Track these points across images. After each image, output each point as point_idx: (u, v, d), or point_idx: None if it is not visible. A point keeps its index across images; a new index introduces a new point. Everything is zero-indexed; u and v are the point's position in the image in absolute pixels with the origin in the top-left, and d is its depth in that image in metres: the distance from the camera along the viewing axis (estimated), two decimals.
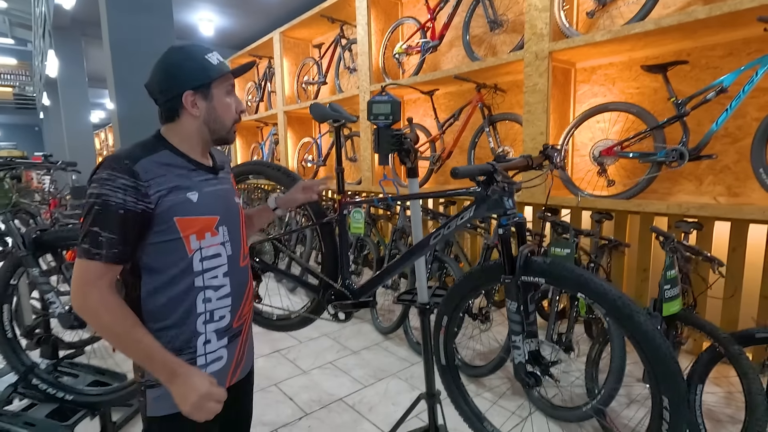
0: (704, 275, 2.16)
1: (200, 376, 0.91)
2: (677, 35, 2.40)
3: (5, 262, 1.70)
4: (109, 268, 0.87)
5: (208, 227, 0.97)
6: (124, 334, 0.87)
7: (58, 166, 1.88)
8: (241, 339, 1.08)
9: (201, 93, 0.96)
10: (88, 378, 1.86)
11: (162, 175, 0.91)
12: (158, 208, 0.89)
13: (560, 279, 1.07)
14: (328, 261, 1.56)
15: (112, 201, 0.85)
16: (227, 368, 1.04)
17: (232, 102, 1.02)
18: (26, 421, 1.53)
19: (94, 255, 0.86)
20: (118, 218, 0.85)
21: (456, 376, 1.47)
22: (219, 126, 1.00)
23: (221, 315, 1.00)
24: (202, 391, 0.88)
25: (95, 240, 0.85)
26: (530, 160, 1.20)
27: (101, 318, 0.87)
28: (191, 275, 0.95)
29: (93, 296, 0.86)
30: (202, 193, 0.97)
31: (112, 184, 0.85)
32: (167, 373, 0.88)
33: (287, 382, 2.46)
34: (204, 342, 0.98)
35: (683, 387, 0.99)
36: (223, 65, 0.99)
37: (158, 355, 0.88)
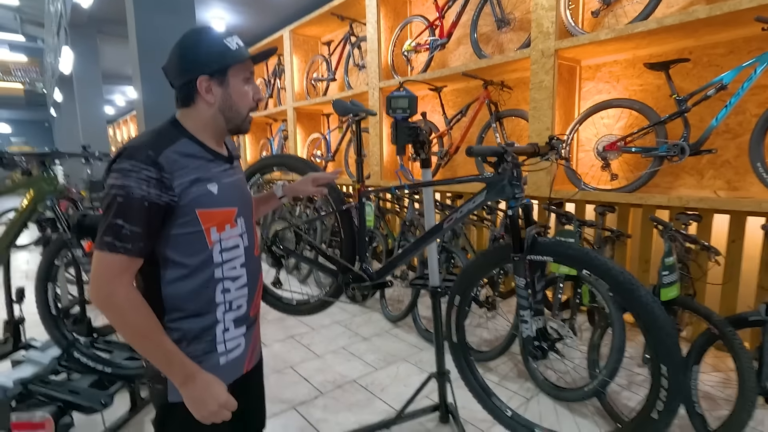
0: (703, 264, 2.25)
1: (219, 384, 0.92)
2: (680, 34, 2.48)
3: (51, 244, 1.83)
4: (133, 261, 0.86)
5: (228, 219, 0.96)
6: (146, 334, 0.86)
7: (96, 157, 2.00)
8: (255, 327, 1.10)
9: (217, 79, 0.93)
10: (123, 353, 2.00)
11: (185, 166, 0.89)
12: (181, 200, 0.88)
13: (566, 257, 1.17)
14: (346, 246, 1.67)
15: (136, 193, 0.82)
16: (245, 355, 1.05)
17: (250, 90, 0.98)
18: (71, 390, 1.67)
19: (119, 248, 0.83)
20: (142, 211, 0.83)
21: (466, 352, 1.58)
22: (234, 114, 0.97)
23: (239, 304, 1.01)
24: (222, 401, 0.90)
25: (118, 233, 0.83)
26: (537, 147, 1.30)
27: (126, 316, 0.85)
28: (211, 267, 0.94)
29: (119, 293, 0.84)
30: (222, 184, 0.95)
31: (136, 176, 0.83)
32: (184, 376, 0.88)
33: (302, 365, 2.58)
34: (223, 330, 0.98)
35: (680, 355, 1.09)
36: (243, 50, 0.95)
37: (177, 359, 0.88)
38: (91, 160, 1.99)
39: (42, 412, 1.53)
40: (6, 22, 17.71)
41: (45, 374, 1.72)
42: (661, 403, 1.09)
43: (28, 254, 5.70)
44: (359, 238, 1.66)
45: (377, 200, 3.71)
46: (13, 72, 17.97)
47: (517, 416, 1.46)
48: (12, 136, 20.54)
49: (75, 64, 7.11)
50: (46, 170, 1.84)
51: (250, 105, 1.00)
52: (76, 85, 7.33)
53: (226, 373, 0.99)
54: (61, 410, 1.57)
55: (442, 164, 3.95)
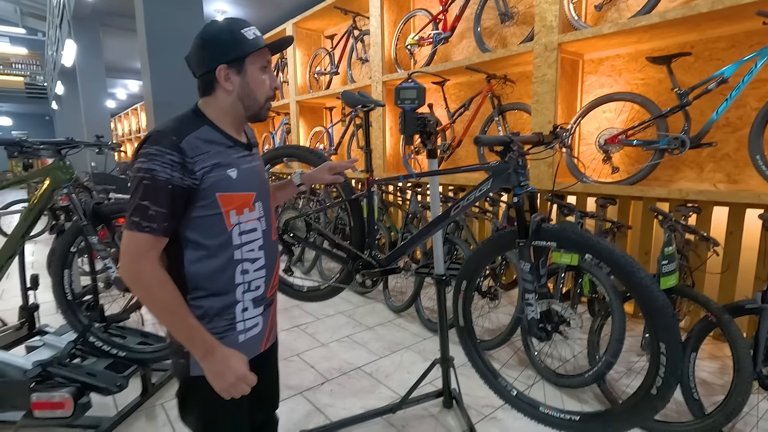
0: (702, 255, 2.30)
1: (238, 358, 0.96)
2: (682, 28, 2.51)
3: (67, 231, 1.88)
4: (159, 240, 0.91)
5: (247, 203, 1.01)
6: (173, 310, 0.91)
7: (109, 146, 2.05)
8: (273, 307, 1.15)
9: (235, 67, 0.97)
10: (136, 339, 2.06)
11: (206, 152, 0.94)
12: (203, 183, 0.92)
13: (569, 241, 1.21)
14: (356, 234, 1.71)
15: (161, 176, 0.87)
16: (262, 334, 1.10)
17: (267, 78, 1.01)
18: (88, 372, 1.72)
19: (145, 228, 0.88)
20: (166, 193, 0.88)
21: (473, 336, 1.63)
22: (252, 102, 1.01)
23: (257, 285, 1.05)
24: (239, 373, 0.94)
25: (145, 213, 0.88)
26: (541, 136, 1.35)
27: (153, 291, 0.90)
28: (231, 248, 0.99)
29: (146, 269, 0.89)
30: (241, 169, 1.00)
31: (160, 160, 0.88)
32: (205, 350, 0.93)
33: (308, 353, 2.63)
34: (242, 310, 1.03)
35: (677, 334, 1.13)
36: (259, 40, 0.98)
37: (199, 333, 0.92)
38: (105, 150, 2.03)
39: (61, 392, 1.59)
40: (6, 14, 17.67)
41: (62, 357, 1.77)
42: (660, 379, 1.14)
43: (33, 245, 5.75)
44: (368, 226, 1.71)
45: (380, 192, 3.75)
46: (13, 65, 17.94)
47: (522, 395, 1.51)
48: (13, 130, 20.54)
49: (78, 56, 7.12)
50: (63, 159, 1.89)
51: (267, 93, 1.03)
52: (79, 78, 7.35)
53: (245, 350, 1.03)
54: (79, 391, 1.63)
55: (444, 157, 3.98)
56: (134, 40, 2.39)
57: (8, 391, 1.67)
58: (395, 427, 1.91)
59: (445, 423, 1.93)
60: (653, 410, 1.18)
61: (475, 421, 1.93)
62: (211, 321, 0.99)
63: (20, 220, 1.95)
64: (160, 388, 2.19)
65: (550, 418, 1.41)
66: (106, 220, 1.85)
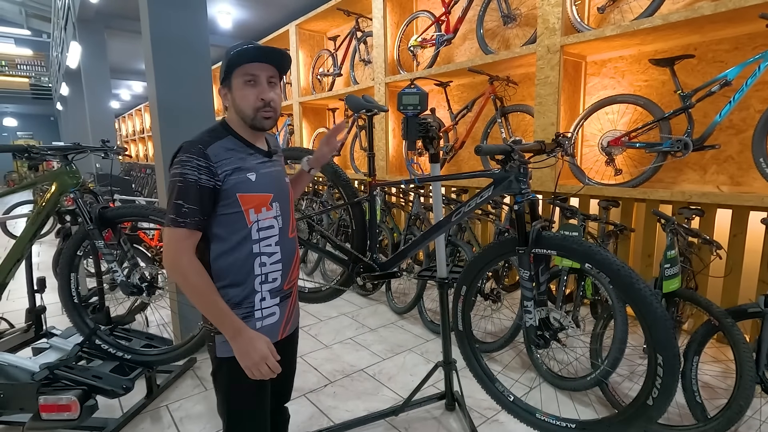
0: (705, 258, 2.30)
1: (262, 340, 1.07)
2: (685, 30, 2.51)
3: (74, 235, 1.91)
4: (192, 234, 1.04)
5: (264, 203, 1.12)
6: (206, 294, 1.03)
7: (114, 151, 2.07)
8: (290, 300, 1.24)
9: (225, 85, 1.11)
10: (141, 341, 2.08)
11: (227, 158, 1.06)
12: (225, 185, 1.05)
13: (569, 250, 1.22)
14: (357, 237, 1.72)
15: (190, 178, 1.01)
16: (279, 323, 1.20)
17: (251, 91, 1.07)
18: (94, 374, 1.74)
19: (180, 223, 1.02)
20: (196, 192, 1.02)
21: (471, 340, 1.64)
22: (243, 114, 1.09)
23: (274, 277, 1.16)
24: (263, 353, 1.05)
25: (179, 211, 1.02)
26: (543, 144, 1.35)
27: (189, 278, 1.03)
28: (250, 242, 1.10)
29: (184, 259, 1.02)
30: (259, 173, 1.11)
31: (190, 165, 1.02)
32: (233, 330, 1.04)
33: (311, 354, 2.65)
34: (260, 299, 1.14)
35: (676, 345, 1.14)
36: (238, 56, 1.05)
37: (229, 316, 1.04)
38: (111, 154, 2.05)
39: (68, 395, 1.61)
40: (12, 16, 17.77)
41: (69, 360, 1.80)
42: (656, 390, 1.15)
43: (39, 246, 5.80)
44: (370, 229, 1.72)
45: (383, 194, 3.76)
46: (18, 66, 18.04)
47: (518, 401, 1.52)
48: (18, 131, 20.66)
49: (83, 58, 7.16)
50: (69, 164, 1.91)
51: (253, 104, 1.09)
52: (84, 79, 7.38)
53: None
54: (86, 393, 1.65)
55: (447, 159, 3.99)
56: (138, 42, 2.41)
57: (16, 394, 1.70)
58: (398, 429, 1.92)
59: (447, 426, 1.94)
60: (649, 421, 1.18)
61: (478, 423, 1.94)
62: (233, 309, 1.08)
63: (27, 224, 1.97)
64: (166, 389, 2.21)
65: (546, 425, 1.41)
66: (112, 224, 1.87)
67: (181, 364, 2.34)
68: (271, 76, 1.11)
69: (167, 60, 2.41)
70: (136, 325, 2.78)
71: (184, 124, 2.45)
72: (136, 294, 1.86)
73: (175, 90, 2.44)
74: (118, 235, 1.87)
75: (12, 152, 1.83)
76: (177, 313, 2.54)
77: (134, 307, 2.11)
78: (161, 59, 2.39)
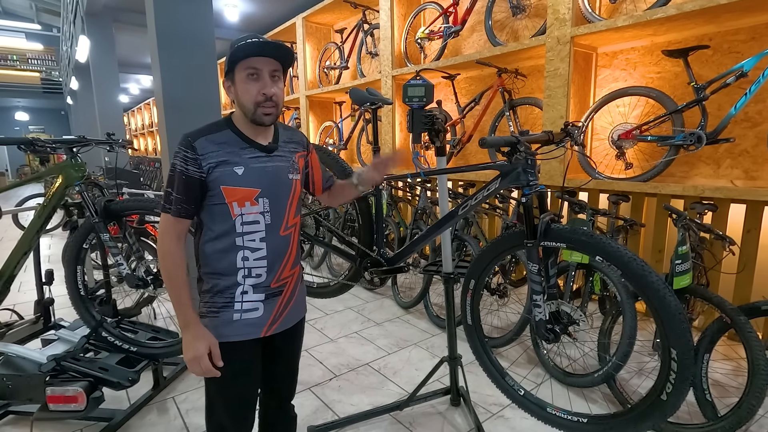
0: (717, 254, 2.25)
1: (204, 340, 1.08)
2: (700, 20, 2.44)
3: (80, 228, 1.92)
4: (177, 221, 1.09)
5: (248, 197, 1.11)
6: (173, 280, 1.09)
7: (120, 144, 2.07)
8: (280, 299, 1.19)
9: (230, 79, 1.11)
10: (147, 334, 2.09)
11: (214, 151, 1.08)
12: (209, 176, 1.08)
13: (579, 243, 1.19)
14: (364, 232, 1.71)
15: (179, 168, 1.07)
16: (264, 320, 1.17)
17: (253, 85, 1.07)
18: (101, 366, 1.76)
19: (167, 209, 1.08)
20: (182, 182, 1.07)
21: (481, 334, 1.62)
22: (244, 108, 1.10)
23: (258, 273, 1.14)
24: (197, 353, 1.07)
25: (168, 198, 1.08)
26: (551, 135, 1.32)
27: (165, 261, 1.10)
28: (233, 235, 1.12)
29: (164, 242, 1.09)
30: (249, 168, 1.11)
31: (180, 156, 1.07)
32: (184, 322, 1.09)
33: (316, 348, 2.65)
34: (242, 292, 1.14)
35: (690, 340, 1.11)
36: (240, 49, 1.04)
37: (184, 307, 1.09)
38: (116, 147, 2.06)
39: (75, 386, 1.62)
40: (23, 11, 17.92)
41: (76, 352, 1.81)
42: (670, 385, 1.12)
43: (50, 239, 5.88)
44: (376, 224, 1.70)
45: (389, 188, 3.74)
46: (29, 60, 18.21)
47: (529, 395, 1.50)
48: (30, 124, 20.91)
49: (91, 52, 7.20)
50: (74, 157, 1.92)
51: (253, 99, 1.08)
52: (93, 73, 7.43)
53: (240, 330, 1.15)
54: (92, 385, 1.67)
55: (454, 152, 3.95)
56: (146, 36, 2.40)
57: (24, 385, 1.72)
58: (403, 424, 1.91)
59: (452, 421, 1.93)
60: (663, 416, 1.16)
61: (483, 419, 1.93)
62: (214, 296, 1.14)
63: (35, 216, 1.98)
64: (172, 381, 2.22)
65: (557, 419, 1.40)
66: (117, 217, 1.87)
67: None
68: (275, 70, 1.09)
69: (173, 54, 2.40)
70: (145, 318, 2.81)
71: (189, 118, 2.45)
72: (142, 287, 1.87)
73: (181, 84, 2.44)
74: (123, 228, 1.87)
75: (17, 145, 1.83)
76: None
77: (141, 300, 2.12)
78: (167, 53, 2.38)
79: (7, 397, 1.77)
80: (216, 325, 1.13)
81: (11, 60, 17.80)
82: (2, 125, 18.85)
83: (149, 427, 1.89)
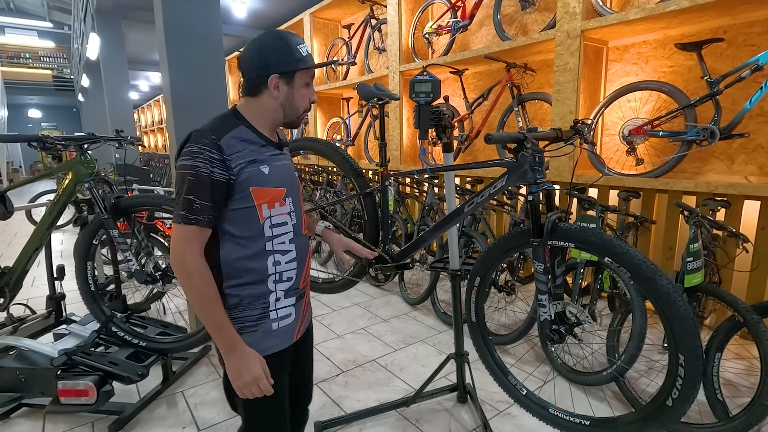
0: (730, 251, 2.21)
1: (257, 360, 1.01)
2: (714, 12, 2.39)
3: (89, 224, 1.94)
4: (203, 231, 0.98)
5: (278, 198, 1.06)
6: (207, 300, 0.97)
7: (128, 141, 2.09)
8: (305, 299, 1.20)
9: (285, 78, 1.04)
10: (156, 329, 2.12)
11: (241, 149, 1.00)
12: (238, 178, 0.99)
13: (587, 243, 1.17)
14: (370, 228, 1.71)
15: (203, 172, 0.95)
16: (295, 324, 1.14)
17: (308, 93, 1.09)
18: (111, 361, 1.79)
19: (191, 220, 0.95)
20: (209, 187, 0.95)
21: (485, 332, 1.61)
22: (292, 111, 1.08)
23: (289, 276, 1.10)
24: (255, 374, 0.99)
25: (190, 207, 0.95)
26: (560, 132, 1.30)
27: (193, 280, 0.96)
28: (263, 240, 1.05)
29: (189, 259, 0.96)
30: (272, 166, 1.06)
31: (202, 157, 0.95)
32: (228, 345, 0.99)
33: (323, 344, 2.66)
34: (275, 299, 1.08)
35: (698, 345, 1.08)
36: (310, 58, 1.06)
37: (226, 328, 0.98)
38: (124, 144, 2.07)
39: (85, 380, 1.65)
40: (34, 8, 18.13)
41: (86, 346, 1.84)
42: (676, 391, 1.10)
43: (62, 234, 5.97)
44: (382, 220, 1.70)
45: (396, 184, 3.73)
46: (41, 58, 18.44)
47: (531, 395, 1.49)
48: (42, 122, 21.21)
49: (102, 50, 7.27)
50: (84, 154, 1.94)
51: (306, 106, 1.11)
52: (103, 70, 7.51)
53: (279, 339, 1.09)
54: (102, 379, 1.69)
55: (462, 148, 3.93)
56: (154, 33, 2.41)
57: (37, 378, 1.75)
58: (409, 420, 1.92)
59: (459, 418, 1.93)
60: (668, 421, 1.14)
61: (490, 416, 1.92)
62: (246, 309, 1.05)
63: (46, 212, 2.01)
64: (181, 376, 2.25)
65: (559, 420, 1.38)
66: (126, 214, 1.89)
67: (196, 352, 2.38)
68: None
69: (181, 50, 2.41)
70: (154, 314, 2.84)
71: (198, 115, 2.46)
72: (151, 283, 1.89)
73: (189, 80, 2.45)
74: (132, 225, 1.89)
75: (28, 142, 1.86)
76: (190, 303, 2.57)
77: (150, 296, 2.14)
78: (175, 50, 2.39)
79: (20, 390, 1.81)
80: (257, 339, 1.05)
81: (24, 58, 18.05)
82: (16, 122, 19.14)
83: (159, 421, 1.92)
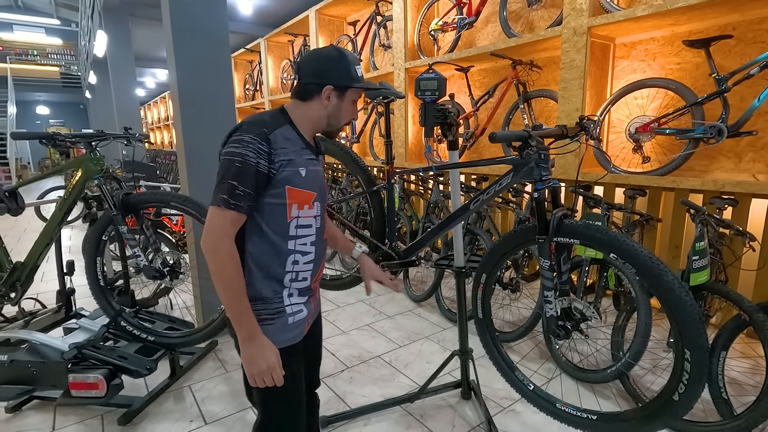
0: (737, 250, 2.20)
1: (272, 349, 1.04)
2: (723, 9, 2.36)
3: (99, 220, 1.97)
4: (240, 218, 1.00)
5: (308, 200, 1.10)
6: (235, 288, 0.99)
7: (136, 138, 2.11)
8: (315, 296, 1.25)
9: (338, 92, 1.10)
10: (164, 324, 2.15)
11: (285, 147, 1.04)
12: (278, 174, 1.02)
13: (592, 239, 1.17)
14: (376, 225, 1.72)
15: (251, 161, 0.98)
16: (305, 319, 1.17)
17: (352, 110, 1.17)
18: (120, 355, 1.82)
19: (232, 205, 0.97)
20: (253, 176, 0.98)
21: (491, 328, 1.62)
22: (335, 123, 1.14)
23: (304, 277, 1.14)
24: (270, 363, 1.02)
25: (233, 192, 0.97)
26: (565, 129, 1.30)
27: (226, 267, 0.98)
28: (286, 238, 1.08)
29: (225, 244, 0.98)
30: (308, 170, 1.09)
31: (252, 147, 0.98)
32: (247, 333, 1.01)
33: (329, 340, 2.68)
34: (288, 295, 1.12)
35: (705, 341, 1.08)
36: (362, 79, 1.14)
37: (248, 317, 1.01)
38: (133, 141, 2.09)
39: (95, 374, 1.68)
40: (42, 6, 18.26)
41: (96, 340, 1.87)
42: (683, 386, 1.11)
43: (71, 230, 6.03)
44: (389, 217, 1.71)
45: (402, 182, 3.74)
46: (49, 55, 18.59)
47: (538, 390, 1.50)
48: (50, 118, 21.39)
49: (109, 47, 7.32)
50: (93, 151, 1.96)
51: (347, 121, 1.18)
52: (110, 67, 7.56)
53: (294, 332, 1.13)
54: (112, 373, 1.72)
55: (468, 146, 3.92)
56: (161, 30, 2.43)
57: (48, 371, 1.79)
58: (413, 416, 1.93)
59: (463, 414, 1.94)
60: (674, 417, 1.14)
61: (494, 413, 1.93)
62: (265, 302, 1.09)
63: (56, 209, 2.04)
64: (188, 370, 2.28)
65: (566, 415, 1.39)
66: (135, 210, 1.92)
67: (203, 347, 2.41)
68: None
69: (188, 48, 2.43)
70: (162, 309, 2.87)
71: (204, 111, 2.48)
72: (159, 278, 1.91)
73: (196, 77, 2.47)
74: (141, 221, 1.91)
75: (39, 139, 1.89)
76: (198, 298, 2.60)
77: (158, 291, 2.17)
78: (181, 47, 2.41)
79: (31, 383, 1.84)
80: (273, 332, 1.08)
81: (32, 55, 18.20)
82: (24, 119, 19.32)
83: (166, 414, 1.95)
